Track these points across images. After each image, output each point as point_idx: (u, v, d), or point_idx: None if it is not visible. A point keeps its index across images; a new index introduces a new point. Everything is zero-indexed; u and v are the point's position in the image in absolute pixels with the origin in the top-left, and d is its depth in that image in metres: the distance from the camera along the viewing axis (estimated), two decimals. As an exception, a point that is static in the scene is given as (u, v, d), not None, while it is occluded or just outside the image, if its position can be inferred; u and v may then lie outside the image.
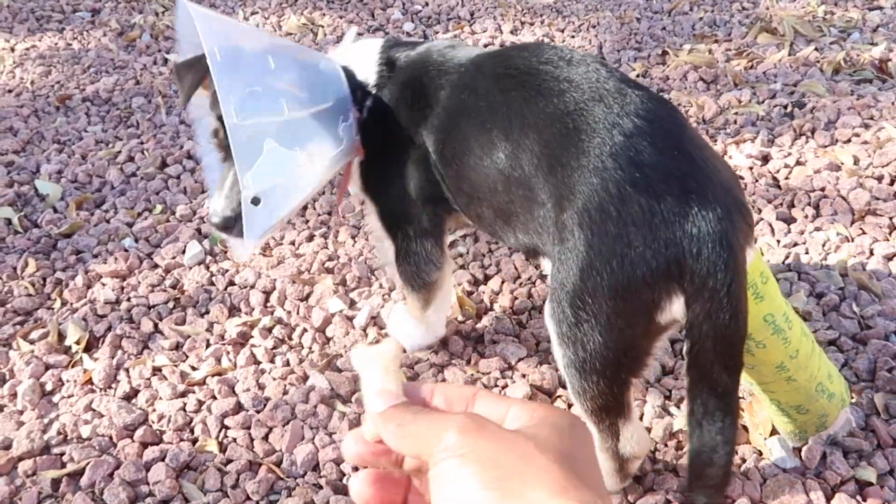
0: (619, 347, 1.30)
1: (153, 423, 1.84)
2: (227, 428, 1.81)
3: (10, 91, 3.48)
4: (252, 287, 2.26)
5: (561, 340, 1.35)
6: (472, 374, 1.90)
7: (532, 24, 3.83)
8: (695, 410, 1.28)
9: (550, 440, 0.62)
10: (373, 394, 0.70)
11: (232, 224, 1.55)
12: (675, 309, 1.23)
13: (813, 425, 1.63)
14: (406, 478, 0.71)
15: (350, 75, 1.69)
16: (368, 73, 1.69)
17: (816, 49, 3.36)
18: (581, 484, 0.58)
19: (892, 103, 2.87)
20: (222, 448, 1.77)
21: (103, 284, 2.29)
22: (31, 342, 2.08)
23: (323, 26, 3.91)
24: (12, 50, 3.85)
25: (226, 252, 2.41)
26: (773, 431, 1.69)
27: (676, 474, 1.65)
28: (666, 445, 1.71)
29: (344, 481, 1.67)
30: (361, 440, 0.70)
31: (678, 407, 1.79)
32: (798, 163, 2.61)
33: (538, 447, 0.60)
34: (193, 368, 2.00)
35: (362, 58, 1.71)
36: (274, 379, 1.93)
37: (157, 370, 1.99)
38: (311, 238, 2.45)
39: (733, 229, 1.20)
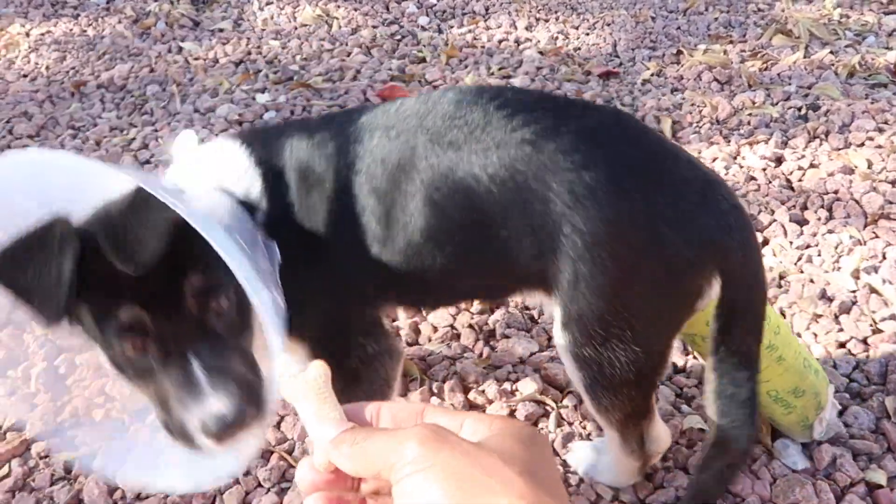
0: (657, 350, 1.33)
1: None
2: (239, 415, 1.82)
3: (25, 76, 3.49)
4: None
5: (582, 364, 1.32)
6: (484, 368, 1.91)
7: (547, 21, 3.83)
8: (722, 386, 1.33)
9: (514, 452, 0.61)
10: (316, 422, 0.68)
11: (243, 417, 1.06)
12: (714, 291, 1.28)
13: (812, 407, 1.64)
14: (361, 501, 0.70)
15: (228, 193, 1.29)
16: (247, 183, 1.30)
17: (831, 52, 3.36)
18: (546, 496, 0.58)
19: (907, 108, 2.87)
20: (234, 435, 1.78)
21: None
22: (45, 326, 2.09)
23: (338, 18, 3.91)
24: (27, 35, 3.86)
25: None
26: (774, 433, 1.70)
27: (686, 472, 1.65)
28: (677, 443, 1.72)
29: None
30: (314, 468, 0.68)
31: (689, 405, 1.79)
32: (812, 165, 2.61)
33: (502, 459, 0.60)
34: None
35: (227, 166, 1.31)
36: (286, 368, 1.93)
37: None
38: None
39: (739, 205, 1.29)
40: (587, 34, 3.68)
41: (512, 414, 1.79)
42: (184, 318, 1.06)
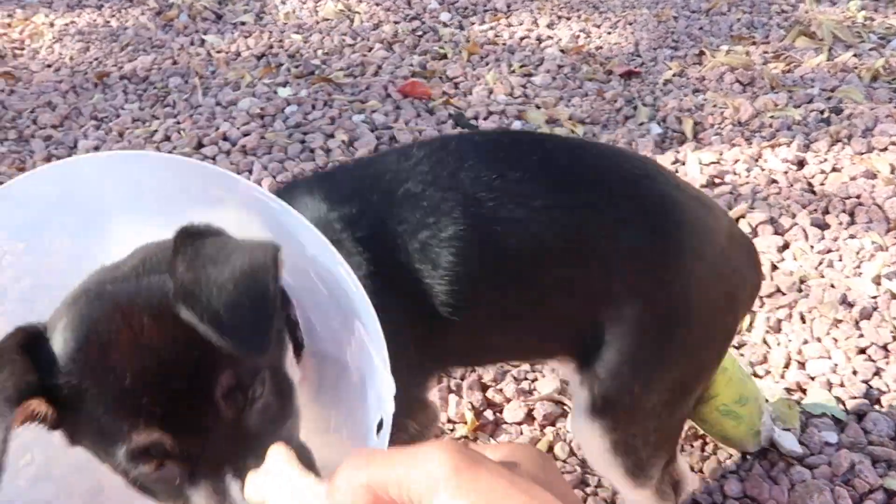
0: (701, 382, 1.35)
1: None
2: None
3: (49, 66, 3.52)
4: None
5: (624, 448, 1.28)
6: (503, 367, 1.91)
7: (569, 19, 3.82)
8: None
9: (538, 476, 0.58)
10: (313, 497, 0.62)
11: None
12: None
13: (756, 414, 1.66)
14: None
15: None
16: None
17: (855, 55, 3.34)
18: None
19: (931, 113, 2.85)
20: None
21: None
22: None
23: (360, 13, 3.92)
24: (52, 25, 3.89)
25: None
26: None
27: (702, 473, 1.66)
28: (692, 446, 1.72)
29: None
30: None
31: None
32: (834, 169, 2.59)
33: (534, 482, 0.56)
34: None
35: None
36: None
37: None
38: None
39: None
40: (609, 33, 3.68)
41: (530, 413, 1.80)
42: (213, 428, 0.84)
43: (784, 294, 2.10)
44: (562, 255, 1.20)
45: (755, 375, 1.89)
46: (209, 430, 0.83)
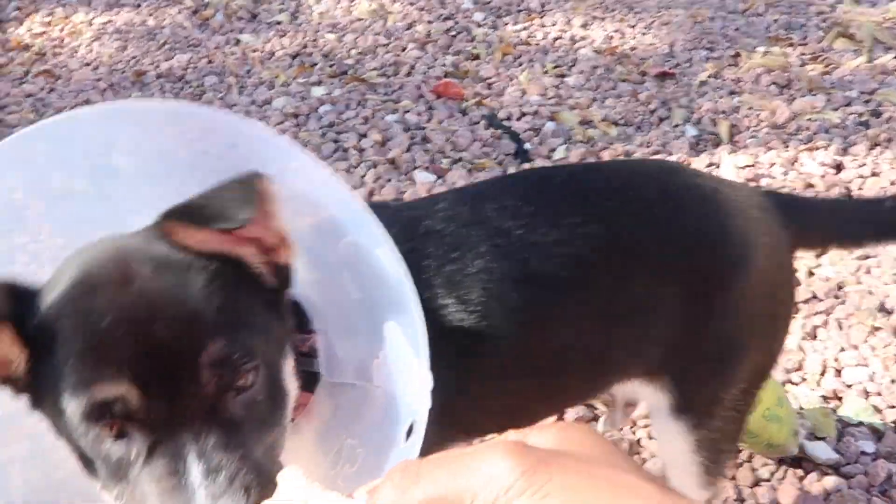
0: (774, 364, 1.37)
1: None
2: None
3: (87, 64, 3.57)
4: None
5: (705, 444, 1.30)
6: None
7: (603, 20, 3.80)
8: None
9: (605, 454, 0.53)
10: None
11: None
12: None
13: (792, 413, 1.67)
14: None
15: None
16: None
17: (895, 57, 3.28)
18: (671, 492, 0.50)
19: (974, 117, 2.80)
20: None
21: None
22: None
23: (393, 13, 3.93)
24: (90, 24, 3.94)
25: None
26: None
27: (735, 480, 1.65)
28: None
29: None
30: None
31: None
32: (872, 174, 2.56)
33: (611, 467, 0.51)
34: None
35: None
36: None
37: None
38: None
39: None
40: (644, 34, 3.65)
41: (561, 417, 1.80)
42: (188, 397, 0.77)
43: (820, 300, 2.08)
44: (613, 273, 1.18)
45: (790, 382, 1.87)
46: (183, 401, 0.76)
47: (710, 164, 2.67)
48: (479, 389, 1.13)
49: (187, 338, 0.77)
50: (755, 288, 1.23)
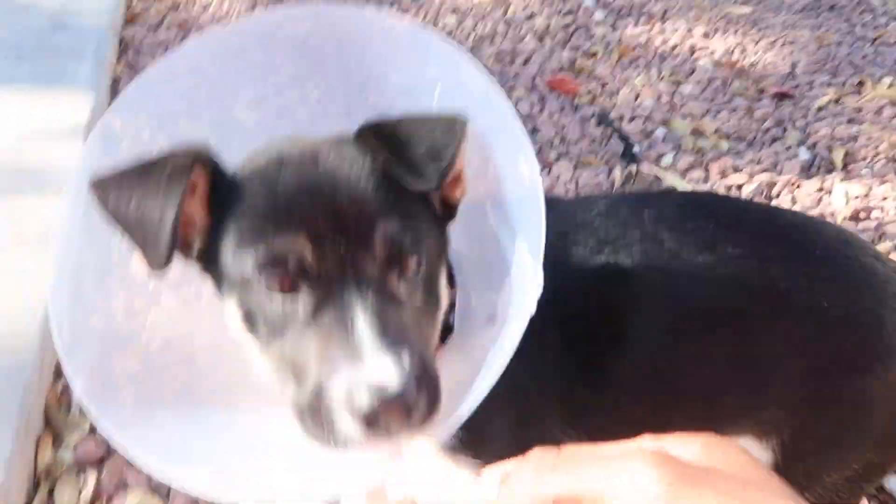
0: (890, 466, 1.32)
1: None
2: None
3: (218, 20, 3.71)
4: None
5: None
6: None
7: (725, 32, 3.76)
8: None
9: (758, 477, 0.51)
10: (462, 486, 0.58)
11: (411, 402, 0.74)
12: None
13: None
14: None
15: None
16: None
17: None
18: None
19: None
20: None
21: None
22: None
23: (514, 3, 3.96)
24: (223, -19, 4.09)
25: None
26: None
27: None
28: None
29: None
30: None
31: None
32: None
33: (762, 492, 0.49)
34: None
35: None
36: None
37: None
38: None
39: None
40: (766, 51, 3.60)
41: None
42: (360, 262, 0.80)
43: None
44: (752, 315, 1.16)
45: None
46: (354, 264, 0.80)
47: (820, 189, 2.63)
48: (600, 387, 1.14)
49: (365, 213, 0.82)
50: (892, 388, 1.18)
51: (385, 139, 0.84)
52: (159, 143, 0.98)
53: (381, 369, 0.72)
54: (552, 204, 1.18)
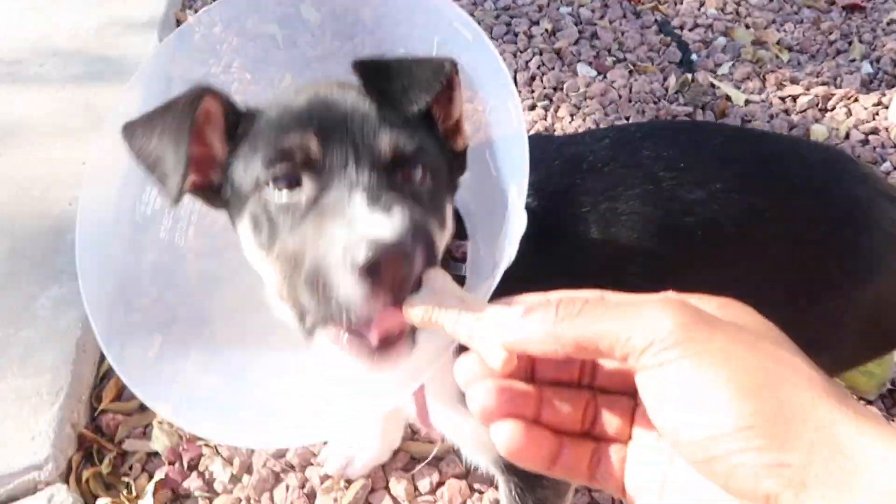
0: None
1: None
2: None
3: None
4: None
5: None
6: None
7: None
8: None
9: (771, 333, 0.53)
10: (473, 320, 0.59)
11: (412, 253, 0.73)
12: None
13: (888, 370, 1.71)
14: (537, 391, 0.59)
15: None
16: None
17: None
18: (835, 384, 0.49)
19: None
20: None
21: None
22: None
23: None
24: None
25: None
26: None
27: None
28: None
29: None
30: (482, 363, 0.58)
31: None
32: None
33: (777, 345, 0.50)
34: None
35: None
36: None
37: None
38: (532, 107, 2.58)
39: None
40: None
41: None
42: (363, 162, 0.82)
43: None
44: (739, 241, 1.23)
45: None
46: (359, 162, 0.82)
47: (878, 104, 2.60)
48: None
49: (371, 121, 0.85)
50: (873, 294, 1.26)
51: (374, 69, 0.87)
52: (230, 39, 1.04)
53: (376, 223, 0.71)
54: (559, 147, 1.24)
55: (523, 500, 1.21)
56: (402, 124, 0.85)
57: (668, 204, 1.19)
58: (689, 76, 2.70)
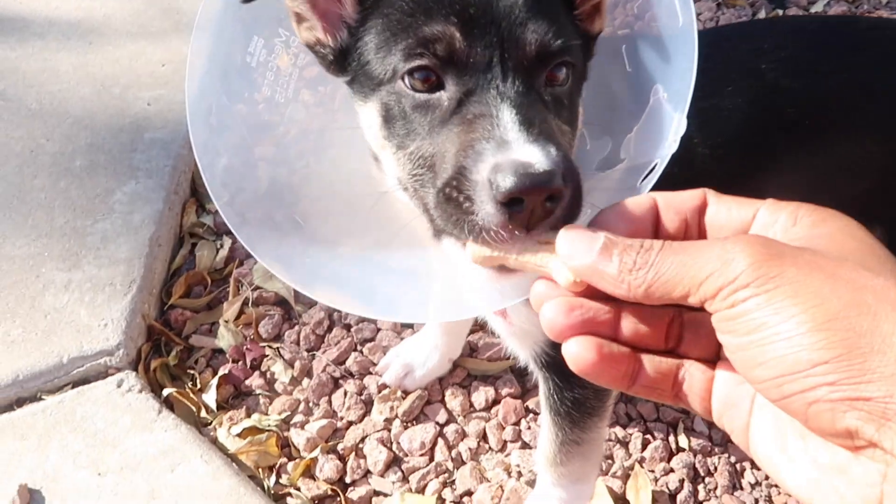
0: None
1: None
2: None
3: None
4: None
5: None
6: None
7: None
8: None
9: (856, 255, 0.50)
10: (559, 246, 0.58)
11: (559, 186, 0.68)
12: None
13: None
14: (615, 308, 0.57)
15: None
16: None
17: None
18: None
19: None
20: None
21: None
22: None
23: None
24: None
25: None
26: None
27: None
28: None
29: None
30: (555, 286, 0.58)
31: None
32: None
33: (862, 269, 0.48)
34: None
35: None
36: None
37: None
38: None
39: None
40: None
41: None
42: (508, 57, 0.78)
43: None
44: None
45: None
46: (503, 58, 0.77)
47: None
48: None
49: (518, 12, 0.79)
50: None
51: None
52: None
53: (530, 153, 0.68)
54: None
55: (560, 398, 1.20)
56: (550, 13, 0.81)
57: (770, 96, 1.16)
58: (780, 12, 2.59)
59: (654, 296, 0.51)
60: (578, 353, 0.55)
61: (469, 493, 1.48)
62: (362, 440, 1.55)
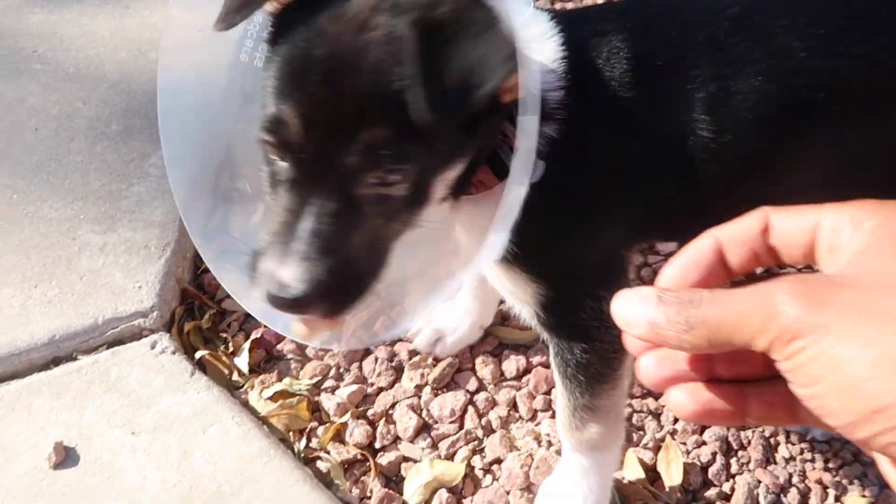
0: None
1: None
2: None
3: None
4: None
5: None
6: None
7: None
8: None
9: None
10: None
11: (307, 303, 0.88)
12: None
13: None
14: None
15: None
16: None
17: None
18: None
19: None
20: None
21: None
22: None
23: None
24: None
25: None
26: None
27: None
28: None
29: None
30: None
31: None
32: None
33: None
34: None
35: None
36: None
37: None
38: None
39: None
40: None
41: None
42: (336, 155, 0.85)
43: None
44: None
45: None
46: (330, 154, 0.84)
47: None
48: (711, 199, 1.12)
49: (360, 110, 0.84)
50: None
51: (431, 37, 0.82)
52: None
53: (292, 275, 0.85)
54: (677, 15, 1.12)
55: (565, 359, 1.18)
56: (402, 109, 0.81)
57: (795, 77, 1.07)
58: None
59: (718, 347, 0.51)
60: (678, 404, 0.56)
61: (499, 461, 1.47)
62: (392, 406, 1.55)
